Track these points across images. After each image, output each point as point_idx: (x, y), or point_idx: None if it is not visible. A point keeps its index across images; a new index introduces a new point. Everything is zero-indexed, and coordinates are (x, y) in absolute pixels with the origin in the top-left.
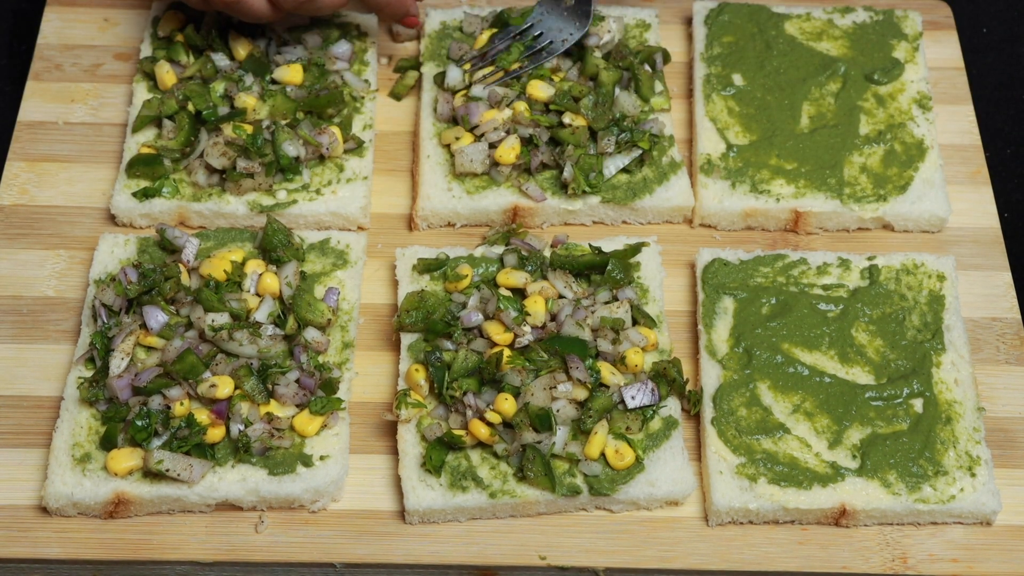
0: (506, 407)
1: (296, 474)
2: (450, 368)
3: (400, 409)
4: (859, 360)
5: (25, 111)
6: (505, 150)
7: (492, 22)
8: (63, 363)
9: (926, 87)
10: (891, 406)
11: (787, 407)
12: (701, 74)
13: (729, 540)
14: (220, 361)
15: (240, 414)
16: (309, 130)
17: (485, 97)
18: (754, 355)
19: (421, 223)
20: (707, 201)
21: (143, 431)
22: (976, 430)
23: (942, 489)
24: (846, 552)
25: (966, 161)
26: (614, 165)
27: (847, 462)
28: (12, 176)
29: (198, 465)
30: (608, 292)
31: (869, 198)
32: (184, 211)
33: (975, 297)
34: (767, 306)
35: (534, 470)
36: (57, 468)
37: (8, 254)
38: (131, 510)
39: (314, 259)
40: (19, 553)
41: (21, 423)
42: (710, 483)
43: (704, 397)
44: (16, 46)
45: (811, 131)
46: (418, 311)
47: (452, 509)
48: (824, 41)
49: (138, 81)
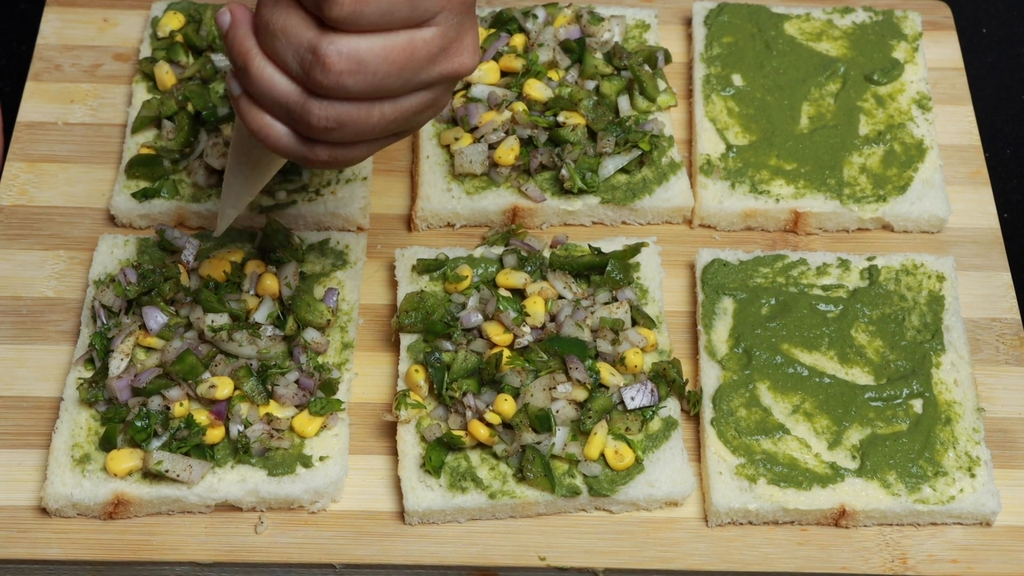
0: (505, 408)
1: (296, 475)
2: (449, 369)
3: (400, 410)
4: (859, 361)
5: (24, 111)
6: (504, 151)
7: (491, 22)
8: (63, 364)
9: (926, 87)
10: (891, 407)
11: (787, 408)
12: (701, 74)
13: (729, 541)
14: (219, 362)
15: (239, 415)
16: None
17: (484, 98)
18: (754, 356)
19: (420, 224)
20: (707, 202)
21: (142, 432)
22: (976, 431)
23: (942, 490)
24: (846, 553)
25: (966, 161)
26: (613, 165)
27: (847, 463)
28: (12, 176)
29: (197, 466)
30: (608, 293)
31: (869, 198)
32: (183, 212)
33: (975, 298)
34: (767, 307)
35: (534, 471)
36: (56, 469)
37: (8, 254)
38: (131, 511)
39: (313, 260)
40: (19, 554)
41: (21, 423)
42: (710, 484)
43: (704, 398)
44: (16, 46)
45: (811, 131)
46: (417, 312)
47: (452, 510)
48: (824, 41)
49: (138, 81)
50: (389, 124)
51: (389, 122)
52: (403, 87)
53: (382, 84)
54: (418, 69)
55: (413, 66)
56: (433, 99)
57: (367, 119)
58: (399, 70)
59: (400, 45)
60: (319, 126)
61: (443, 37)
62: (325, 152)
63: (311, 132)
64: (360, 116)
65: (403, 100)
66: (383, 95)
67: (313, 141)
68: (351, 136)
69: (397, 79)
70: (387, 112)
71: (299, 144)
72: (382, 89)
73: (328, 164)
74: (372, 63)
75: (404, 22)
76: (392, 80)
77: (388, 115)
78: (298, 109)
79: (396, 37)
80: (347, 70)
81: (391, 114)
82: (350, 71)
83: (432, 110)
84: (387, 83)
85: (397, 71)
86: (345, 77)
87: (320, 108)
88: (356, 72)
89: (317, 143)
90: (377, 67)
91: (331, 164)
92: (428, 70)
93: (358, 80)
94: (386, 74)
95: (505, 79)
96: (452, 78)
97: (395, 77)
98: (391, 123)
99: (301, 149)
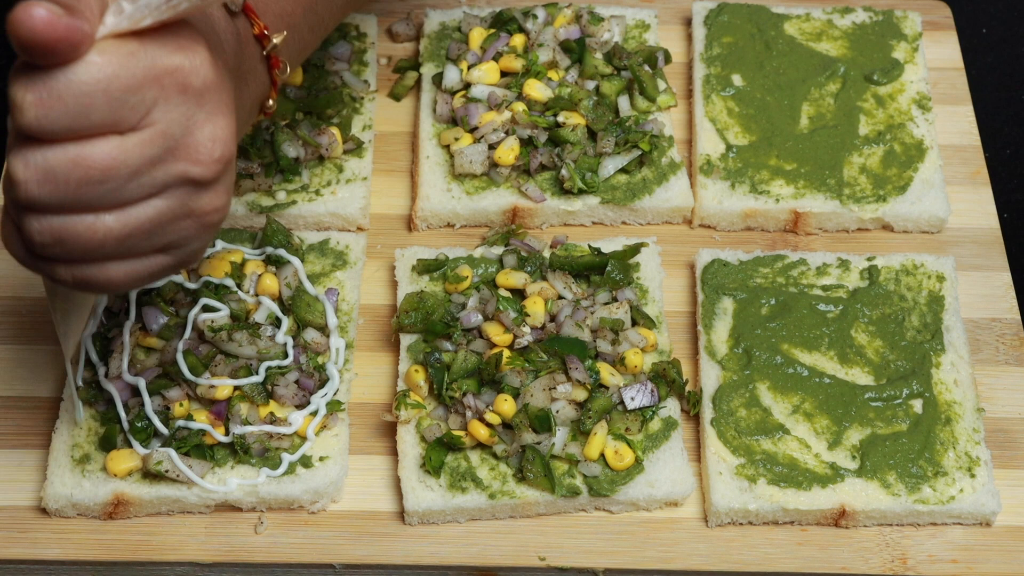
0: (505, 408)
1: (295, 475)
2: (449, 369)
3: (399, 410)
4: (859, 361)
5: None
6: (504, 151)
7: (491, 22)
8: (63, 364)
9: (926, 87)
10: (890, 407)
11: (787, 408)
12: (700, 74)
13: (729, 541)
14: (219, 362)
15: (239, 415)
16: (308, 131)
17: (484, 98)
18: (754, 356)
19: (420, 224)
20: (706, 202)
21: (142, 432)
22: (976, 431)
23: (942, 490)
24: (846, 553)
25: (966, 161)
26: (612, 165)
27: (847, 463)
28: None
29: (197, 466)
30: (607, 293)
31: (869, 199)
32: None
33: (975, 298)
34: (767, 307)
35: (534, 471)
36: (56, 469)
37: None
38: (130, 511)
39: (313, 260)
40: (19, 554)
41: (21, 423)
42: (710, 484)
43: (704, 398)
44: None
45: (811, 132)
46: (417, 312)
47: (451, 510)
48: (824, 41)
49: None
50: (123, 239)
51: (124, 236)
52: (120, 196)
53: (85, 194)
54: (130, 176)
55: (122, 173)
56: (179, 206)
57: (90, 235)
58: (101, 178)
59: (102, 151)
60: (37, 241)
61: (163, 136)
62: (66, 271)
63: (33, 248)
64: (79, 231)
65: (131, 211)
66: (97, 207)
67: (50, 259)
68: (80, 253)
69: (102, 188)
70: (113, 225)
71: (37, 261)
72: (90, 200)
73: (82, 286)
74: (62, 173)
75: (108, 126)
76: (96, 189)
77: (115, 228)
78: (18, 222)
79: (99, 143)
80: (34, 180)
81: (119, 227)
82: (37, 182)
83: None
84: (92, 193)
85: (98, 179)
86: (32, 188)
87: (32, 222)
88: (44, 183)
89: (55, 261)
90: (68, 177)
91: (85, 287)
92: (150, 175)
93: (50, 191)
94: (82, 182)
95: (505, 79)
96: (188, 181)
97: (98, 186)
98: (128, 237)
99: (41, 266)
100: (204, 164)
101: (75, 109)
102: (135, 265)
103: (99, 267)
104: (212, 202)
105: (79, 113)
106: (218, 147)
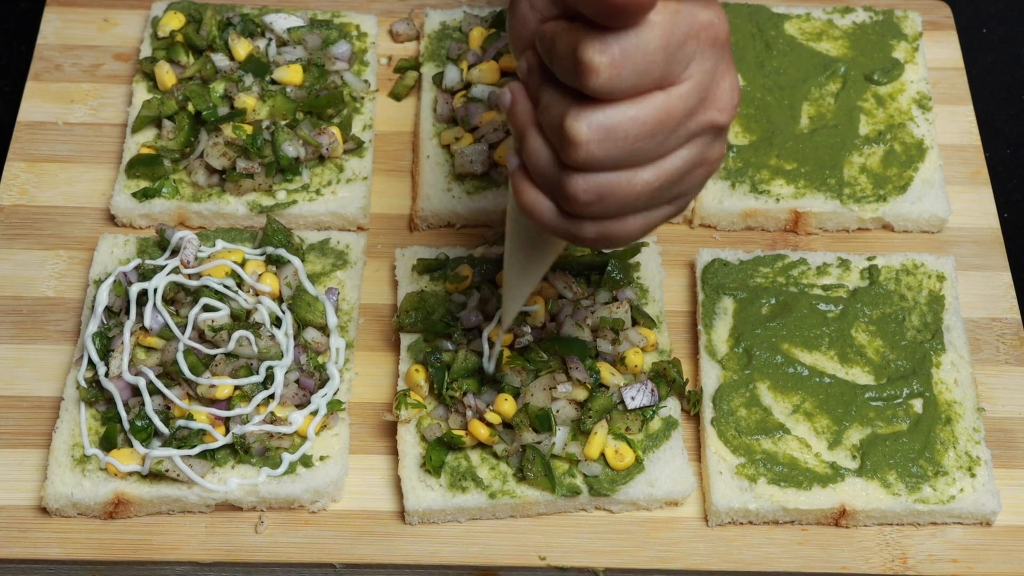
0: (506, 408)
1: (296, 474)
2: (450, 369)
3: (400, 410)
4: (859, 360)
5: (24, 111)
6: (504, 151)
7: (492, 22)
8: (63, 363)
9: (926, 87)
10: (891, 406)
11: (787, 407)
12: None
13: (729, 540)
14: (220, 362)
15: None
16: (309, 130)
17: (485, 98)
18: (754, 355)
19: (421, 223)
20: (707, 201)
21: (143, 432)
22: (976, 430)
23: (942, 489)
24: (846, 552)
25: (966, 161)
26: None
27: (847, 462)
28: (12, 176)
29: (197, 465)
30: (608, 292)
31: (869, 198)
32: (184, 211)
33: (975, 297)
34: (767, 306)
35: (534, 470)
36: (57, 468)
37: (8, 254)
38: (131, 510)
39: (314, 259)
40: (19, 554)
41: (21, 423)
42: (710, 483)
43: (704, 397)
44: (16, 46)
45: (811, 131)
46: (418, 311)
47: (452, 509)
48: (824, 41)
49: (138, 81)
50: (655, 191)
51: (655, 189)
52: (660, 149)
53: (636, 150)
54: (674, 128)
55: (668, 126)
56: (698, 155)
57: (629, 189)
58: (652, 133)
59: (654, 107)
60: (579, 200)
61: (699, 87)
62: (593, 228)
63: (573, 207)
64: (621, 186)
65: (664, 162)
66: (641, 161)
67: (579, 217)
68: (615, 208)
69: (651, 142)
70: (649, 178)
71: (565, 221)
72: (637, 155)
73: (600, 242)
74: (621, 130)
75: (659, 81)
76: (646, 144)
77: (651, 181)
78: (558, 183)
79: (650, 100)
80: (595, 140)
81: (654, 180)
82: (599, 141)
83: (703, 167)
84: (641, 148)
85: (650, 134)
86: (594, 148)
87: (578, 181)
88: (604, 141)
89: (583, 219)
90: (627, 135)
91: (604, 242)
92: (685, 126)
93: (608, 149)
94: (637, 138)
95: (506, 79)
96: (712, 129)
97: (648, 140)
98: (657, 189)
99: (567, 226)
100: (727, 111)
101: (641, 68)
102: (649, 217)
103: (622, 221)
104: (720, 149)
105: (643, 71)
106: (736, 95)
